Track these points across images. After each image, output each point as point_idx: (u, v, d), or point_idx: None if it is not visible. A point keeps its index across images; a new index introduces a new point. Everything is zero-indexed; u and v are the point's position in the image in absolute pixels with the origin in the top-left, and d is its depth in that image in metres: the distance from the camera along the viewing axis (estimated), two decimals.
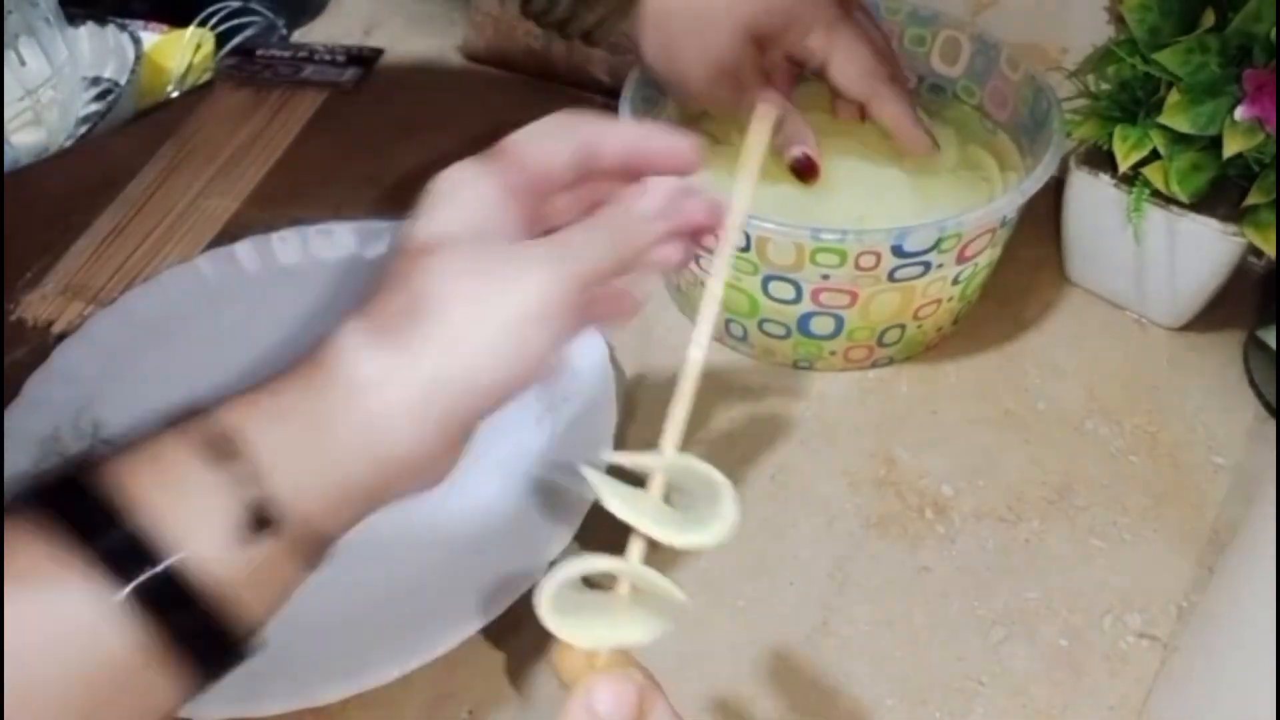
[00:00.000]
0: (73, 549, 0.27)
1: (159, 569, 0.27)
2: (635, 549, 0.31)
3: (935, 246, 0.51)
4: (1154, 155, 0.53)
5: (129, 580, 0.27)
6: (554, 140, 0.35)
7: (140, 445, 0.29)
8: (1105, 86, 0.57)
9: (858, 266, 0.51)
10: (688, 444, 0.31)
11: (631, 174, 0.35)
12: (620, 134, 0.35)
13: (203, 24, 0.80)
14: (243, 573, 0.29)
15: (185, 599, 0.28)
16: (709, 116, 0.63)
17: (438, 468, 0.33)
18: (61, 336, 0.59)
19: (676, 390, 0.32)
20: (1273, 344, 0.55)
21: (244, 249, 0.63)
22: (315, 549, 0.31)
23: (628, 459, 0.32)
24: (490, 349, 0.31)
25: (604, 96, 0.76)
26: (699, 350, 0.33)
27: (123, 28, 0.78)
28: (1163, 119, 0.52)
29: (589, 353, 0.55)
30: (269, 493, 0.29)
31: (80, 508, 0.28)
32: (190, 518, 0.28)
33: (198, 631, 0.28)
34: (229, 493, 0.28)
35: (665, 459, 0.31)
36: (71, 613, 0.27)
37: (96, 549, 0.27)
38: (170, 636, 0.28)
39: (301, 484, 0.29)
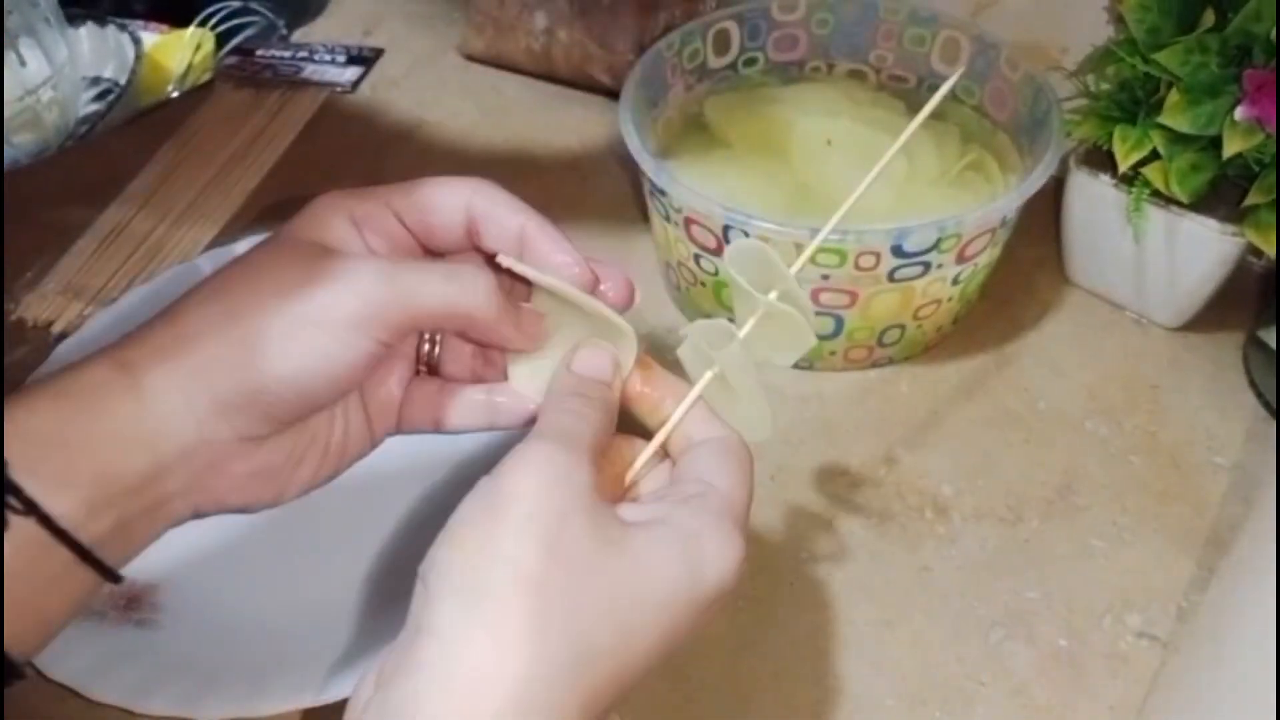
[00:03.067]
0: None
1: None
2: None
3: (935, 246, 0.51)
4: (1154, 155, 0.53)
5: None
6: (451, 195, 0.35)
7: None
8: (1105, 86, 0.57)
9: (857, 266, 0.51)
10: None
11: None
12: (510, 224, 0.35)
13: (203, 24, 0.80)
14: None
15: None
16: (704, 117, 0.63)
17: (248, 461, 0.32)
18: (61, 336, 0.59)
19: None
20: (1273, 344, 0.55)
21: (244, 249, 0.62)
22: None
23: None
24: (298, 347, 0.32)
25: (603, 97, 0.76)
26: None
27: (123, 28, 0.78)
28: (1162, 119, 0.52)
29: None
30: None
31: None
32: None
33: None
34: None
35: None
36: None
37: None
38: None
39: (67, 475, 0.29)
